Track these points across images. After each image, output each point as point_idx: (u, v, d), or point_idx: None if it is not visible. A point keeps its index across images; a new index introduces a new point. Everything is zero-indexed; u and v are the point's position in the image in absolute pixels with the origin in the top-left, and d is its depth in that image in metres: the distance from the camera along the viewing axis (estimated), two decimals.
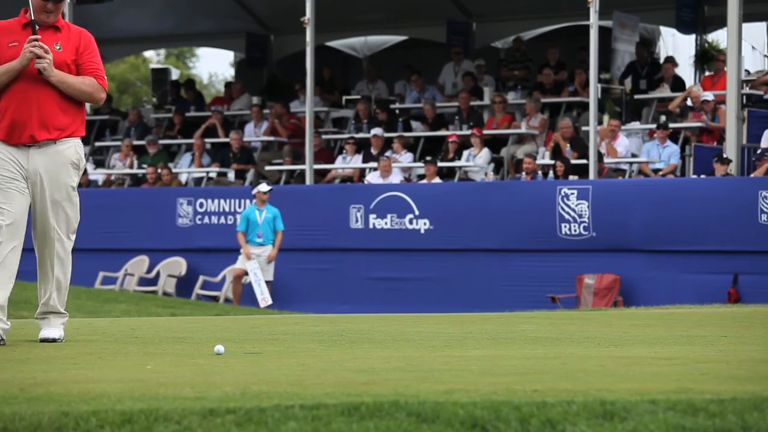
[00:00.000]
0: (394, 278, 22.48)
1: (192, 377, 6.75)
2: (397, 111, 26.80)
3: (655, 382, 6.16)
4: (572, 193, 21.46)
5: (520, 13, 29.25)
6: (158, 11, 32.46)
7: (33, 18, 8.75)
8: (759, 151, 21.58)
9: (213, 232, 24.10)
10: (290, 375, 6.90)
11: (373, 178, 24.20)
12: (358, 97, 27.27)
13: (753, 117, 22.58)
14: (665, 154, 22.69)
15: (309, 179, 24.48)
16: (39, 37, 8.68)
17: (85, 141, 28.82)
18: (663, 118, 23.62)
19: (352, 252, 23.06)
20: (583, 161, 22.51)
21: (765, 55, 27.00)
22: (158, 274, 24.61)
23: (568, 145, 23.19)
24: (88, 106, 9.16)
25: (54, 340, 8.95)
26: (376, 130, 25.23)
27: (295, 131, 26.34)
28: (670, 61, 25.69)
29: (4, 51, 8.75)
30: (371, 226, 22.97)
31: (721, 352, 8.50)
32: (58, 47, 8.78)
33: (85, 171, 27.29)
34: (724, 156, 21.42)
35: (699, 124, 23.26)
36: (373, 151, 25.00)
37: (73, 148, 8.78)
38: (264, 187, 23.07)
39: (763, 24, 30.52)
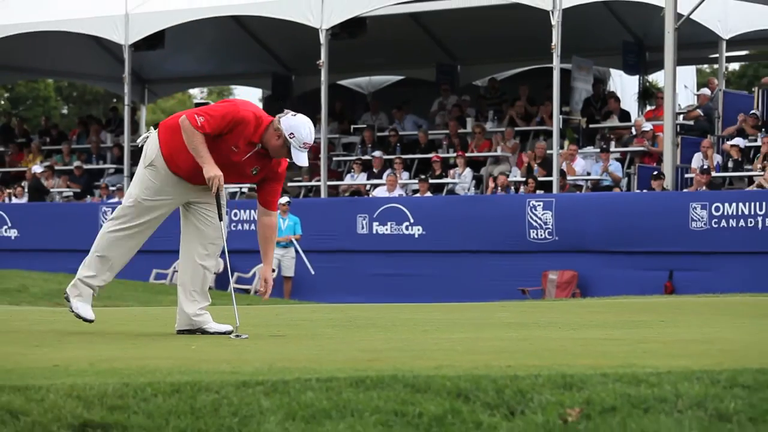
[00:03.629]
0: (394, 274, 22.49)
1: (228, 355, 6.76)
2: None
3: (606, 358, 6.17)
4: (539, 205, 21.48)
5: (497, 57, 29.30)
6: (201, 56, 32.48)
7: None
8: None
9: (245, 237, 24.08)
10: (308, 353, 6.92)
11: (379, 191, 24.24)
12: (364, 126, 27.32)
13: (685, 143, 22.67)
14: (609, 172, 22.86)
15: (323, 193, 24.54)
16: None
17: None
18: (612, 143, 23.70)
19: (358, 253, 23.07)
20: (549, 178, 22.56)
21: (694, 93, 27.05)
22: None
23: (536, 165, 23.23)
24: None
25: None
26: (377, 153, 25.35)
27: (314, 153, 26.33)
28: (614, 97, 25.70)
29: (225, 145, 8.13)
30: (374, 231, 22.99)
31: (659, 334, 8.51)
32: (254, 172, 8.34)
33: None
34: (655, 173, 21.52)
35: (642, 149, 23.33)
36: (375, 170, 25.07)
37: None
38: (283, 199, 23.16)
39: (693, 67, 30.65)
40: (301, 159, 8.19)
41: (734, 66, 44.93)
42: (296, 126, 8.20)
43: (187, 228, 8.57)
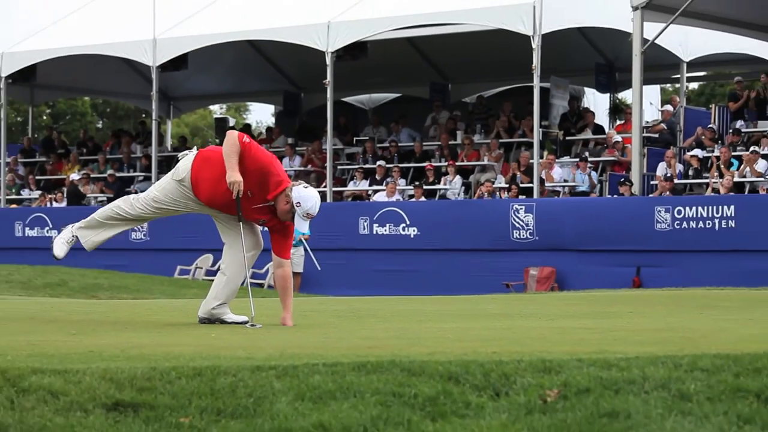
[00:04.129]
0: (392, 270, 22.47)
1: (244, 342, 6.76)
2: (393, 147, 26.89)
3: (581, 345, 6.17)
4: (521, 208, 21.47)
5: (484, 77, 29.35)
6: (220, 76, 32.52)
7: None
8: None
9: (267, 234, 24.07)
10: (315, 341, 6.91)
11: (379, 196, 24.23)
12: (365, 138, 27.32)
13: (651, 153, 22.71)
14: (586, 179, 22.85)
15: (329, 198, 24.52)
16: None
17: (165, 169, 28.79)
18: (586, 153, 23.72)
19: (360, 251, 23.05)
20: (530, 185, 22.57)
21: (659, 110, 27.10)
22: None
23: (519, 173, 23.23)
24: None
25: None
26: (380, 162, 25.38)
27: (321, 162, 26.37)
28: (590, 112, 25.78)
29: (245, 187, 8.11)
30: (374, 232, 22.97)
31: (628, 323, 8.51)
32: (262, 222, 8.38)
33: None
34: (622, 180, 21.58)
35: (612, 158, 23.35)
36: (378, 177, 25.07)
37: None
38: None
39: (657, 86, 30.71)
40: (303, 226, 8.23)
41: (694, 85, 44.94)
42: (304, 197, 8.18)
43: (224, 234, 8.60)
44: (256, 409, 4.60)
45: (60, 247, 8.58)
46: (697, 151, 22.20)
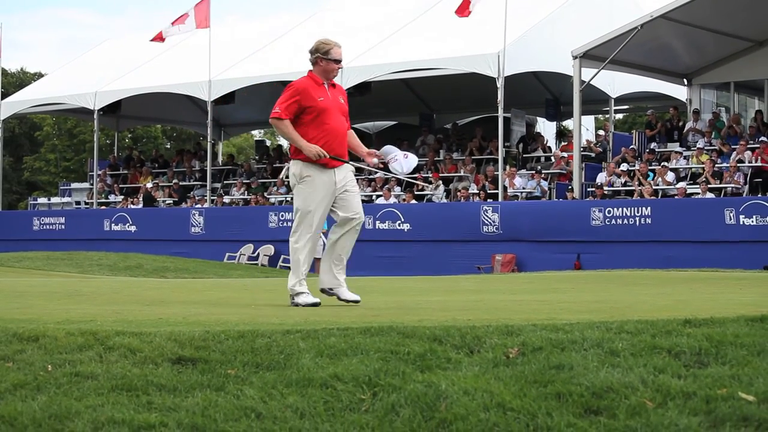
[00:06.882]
0: (390, 256, 22.46)
1: (277, 312, 6.73)
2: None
3: (536, 314, 6.14)
4: (489, 209, 21.44)
5: (461, 108, 29.39)
6: (259, 108, 32.46)
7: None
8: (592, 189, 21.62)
9: (289, 230, 24.04)
10: (332, 310, 6.88)
11: (380, 200, 24.23)
12: None
13: (588, 167, 22.71)
14: (539, 186, 22.80)
15: None
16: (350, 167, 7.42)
17: (217, 179, 28.83)
18: (539, 167, 23.71)
19: (367, 242, 22.95)
20: (496, 191, 22.54)
21: (594, 134, 27.06)
22: (258, 254, 24.57)
23: (488, 182, 23.21)
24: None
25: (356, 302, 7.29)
26: (380, 173, 25.33)
27: None
28: (541, 136, 25.80)
29: (317, 102, 7.31)
30: (377, 227, 22.95)
31: (571, 297, 8.48)
32: (342, 100, 7.63)
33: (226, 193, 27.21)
34: (569, 188, 21.58)
35: (559, 171, 23.33)
36: (379, 185, 25.03)
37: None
38: None
39: (592, 116, 30.69)
40: (404, 163, 7.86)
41: (619, 116, 44.88)
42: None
43: (339, 205, 7.92)
44: (285, 363, 4.57)
45: (305, 298, 7.39)
46: (623, 166, 22.20)
